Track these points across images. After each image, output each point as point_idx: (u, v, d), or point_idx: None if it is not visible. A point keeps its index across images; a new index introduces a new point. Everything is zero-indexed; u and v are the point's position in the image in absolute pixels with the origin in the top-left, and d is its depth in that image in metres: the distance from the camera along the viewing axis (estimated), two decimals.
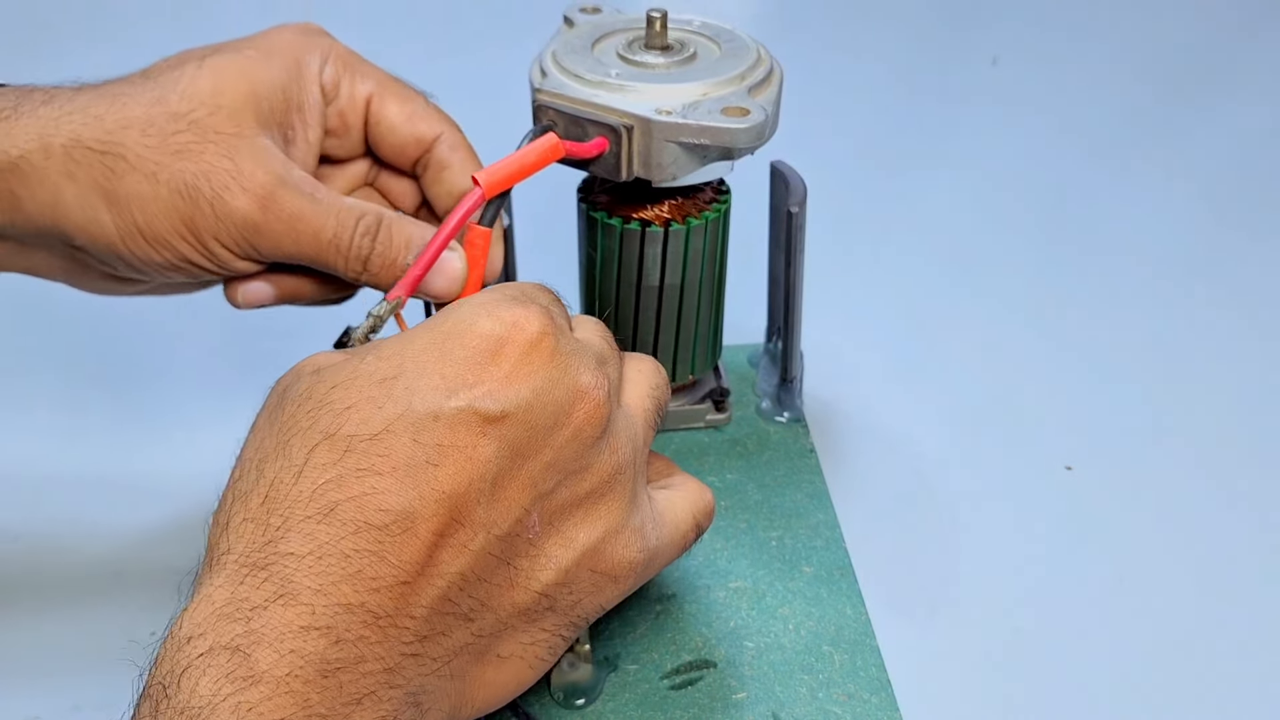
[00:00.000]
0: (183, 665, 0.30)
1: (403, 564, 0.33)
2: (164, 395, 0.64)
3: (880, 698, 0.47)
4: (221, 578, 0.32)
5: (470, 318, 0.35)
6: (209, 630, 0.31)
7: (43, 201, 0.40)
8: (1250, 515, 0.58)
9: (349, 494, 0.32)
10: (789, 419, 0.62)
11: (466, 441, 0.33)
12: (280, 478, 0.33)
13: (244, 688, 0.30)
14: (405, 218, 0.45)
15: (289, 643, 0.31)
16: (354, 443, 0.33)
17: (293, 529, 0.32)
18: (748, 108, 0.45)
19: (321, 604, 0.31)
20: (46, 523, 0.56)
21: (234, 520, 0.33)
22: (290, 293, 0.46)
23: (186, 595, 0.33)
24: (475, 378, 0.34)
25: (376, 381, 0.34)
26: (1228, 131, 0.91)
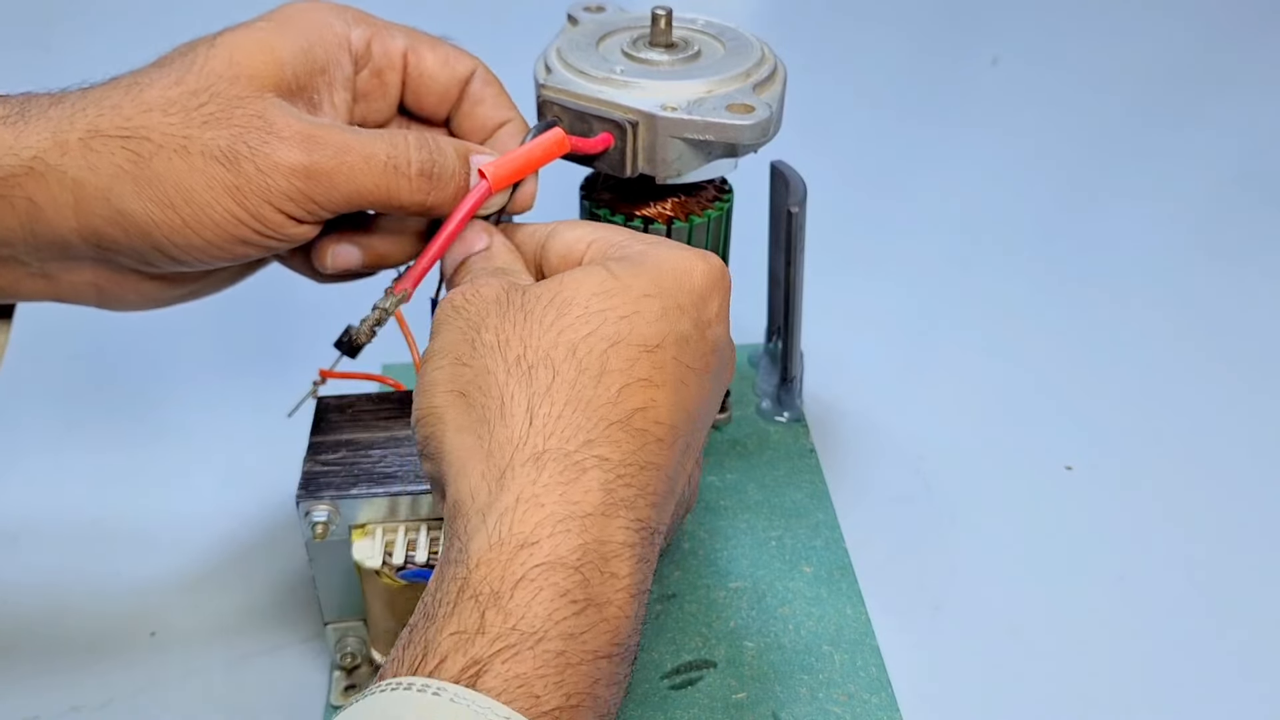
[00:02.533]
0: (517, 575, 0.30)
1: (670, 479, 0.35)
2: (162, 399, 0.64)
3: (880, 698, 0.47)
4: (547, 475, 0.32)
5: (684, 257, 0.38)
6: (545, 539, 0.31)
7: (63, 204, 0.37)
8: (1250, 515, 0.58)
9: (638, 403, 0.34)
10: (789, 419, 0.62)
11: (702, 367, 0.36)
12: (580, 380, 0.34)
13: (575, 612, 0.30)
14: (442, 134, 0.44)
15: (613, 564, 0.31)
16: (640, 353, 0.34)
17: (602, 433, 0.33)
18: (752, 104, 0.45)
19: (631, 518, 0.33)
20: (46, 523, 0.56)
21: (538, 415, 0.33)
22: (376, 254, 0.44)
23: (492, 487, 0.32)
24: (706, 310, 0.37)
25: (639, 295, 0.35)
26: (1229, 131, 0.91)
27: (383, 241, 0.44)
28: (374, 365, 0.58)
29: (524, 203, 0.44)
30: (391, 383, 0.49)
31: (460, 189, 0.42)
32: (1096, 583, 0.54)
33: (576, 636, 0.30)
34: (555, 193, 0.55)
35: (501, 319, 0.35)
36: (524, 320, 0.35)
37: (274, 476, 0.56)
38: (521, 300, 0.36)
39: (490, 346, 0.35)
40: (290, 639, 0.50)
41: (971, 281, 0.75)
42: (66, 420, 0.62)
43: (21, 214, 0.38)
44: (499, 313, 0.36)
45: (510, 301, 0.36)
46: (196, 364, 0.66)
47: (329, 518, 0.43)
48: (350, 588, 0.45)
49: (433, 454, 0.35)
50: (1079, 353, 0.68)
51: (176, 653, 0.50)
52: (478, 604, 0.30)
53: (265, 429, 0.59)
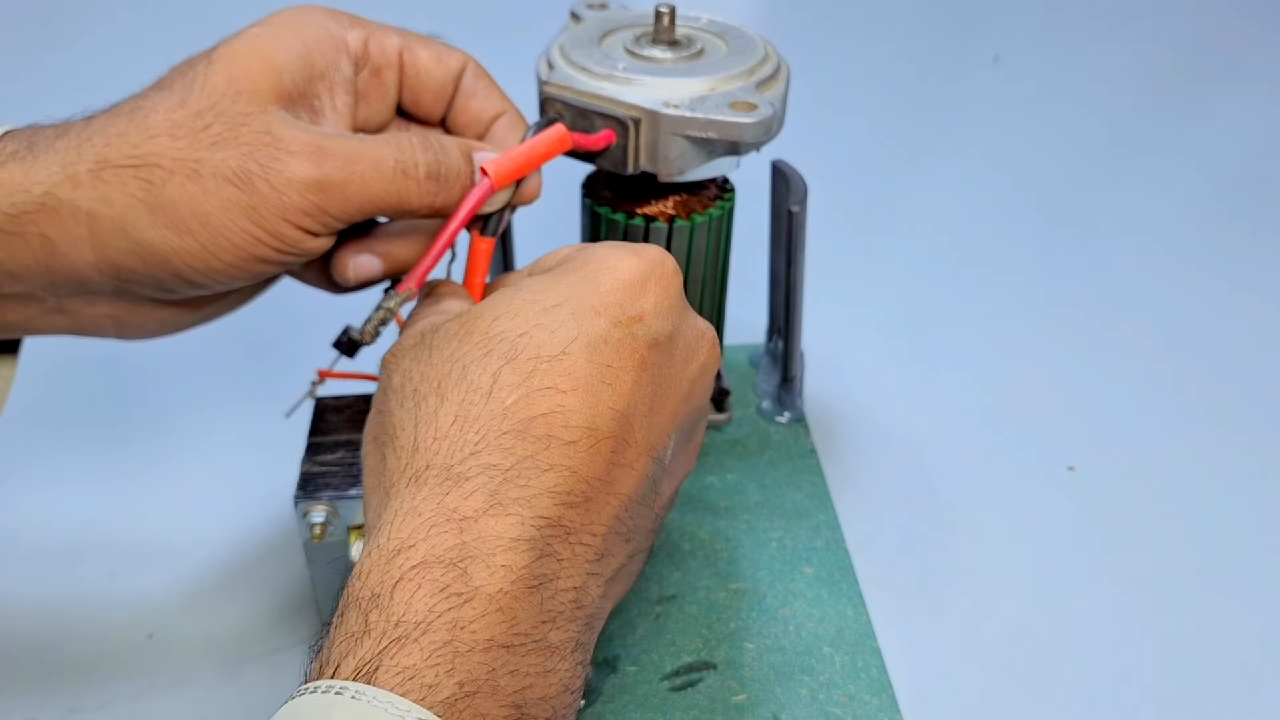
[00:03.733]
0: (395, 577, 0.30)
1: (589, 479, 0.34)
2: (160, 400, 0.64)
3: (881, 699, 0.47)
4: (425, 490, 0.32)
5: (611, 255, 0.37)
6: (420, 542, 0.31)
7: (78, 237, 0.37)
8: (1253, 515, 0.57)
9: (538, 410, 0.34)
10: (790, 419, 0.61)
11: (631, 364, 0.36)
12: (468, 399, 0.34)
13: (459, 604, 0.30)
14: (441, 134, 0.44)
15: (500, 557, 0.31)
16: (537, 364, 0.34)
17: (491, 443, 0.33)
18: (755, 102, 0.44)
19: (527, 515, 0.32)
20: (44, 525, 0.56)
21: (423, 440, 0.34)
22: (396, 261, 0.44)
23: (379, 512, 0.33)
24: (632, 307, 0.36)
25: (542, 309, 0.36)
26: (1230, 128, 0.91)
27: (399, 246, 0.44)
28: (372, 365, 0.57)
29: (528, 197, 0.44)
30: None
31: (466, 188, 0.42)
32: (1098, 584, 0.54)
33: (463, 626, 0.30)
34: (557, 191, 0.55)
35: (413, 361, 0.36)
36: (428, 356, 0.36)
37: (272, 477, 0.56)
38: (433, 338, 0.37)
39: (396, 388, 0.36)
40: (288, 641, 0.50)
41: (973, 281, 0.75)
42: (63, 420, 0.62)
43: (36, 250, 0.37)
44: (411, 355, 0.37)
45: (424, 341, 0.37)
46: (194, 364, 0.66)
47: (327, 518, 0.42)
48: None
49: None
50: (1081, 352, 0.68)
51: (174, 655, 0.49)
52: (360, 608, 0.30)
53: (263, 429, 0.59)
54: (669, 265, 0.38)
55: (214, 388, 0.64)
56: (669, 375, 0.37)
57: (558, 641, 0.32)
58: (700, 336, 0.39)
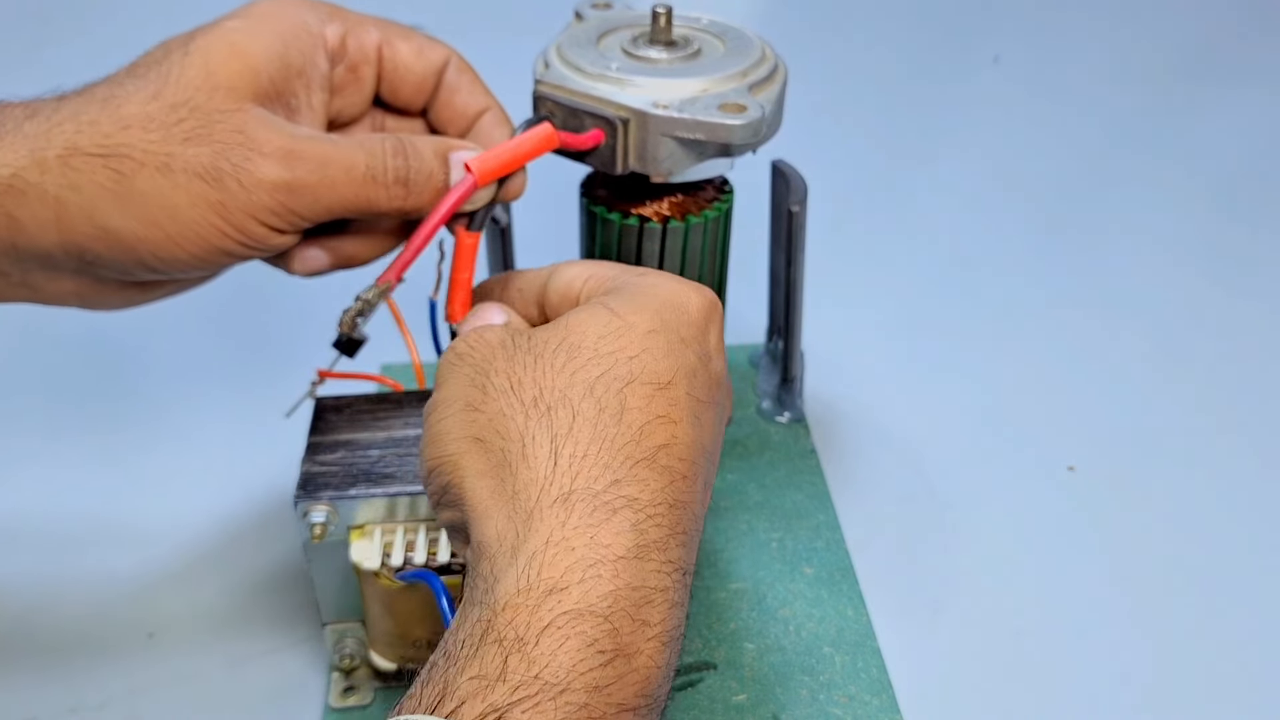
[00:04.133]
0: (544, 621, 0.30)
1: (697, 517, 0.35)
2: (160, 399, 0.64)
3: (881, 699, 0.47)
4: (575, 518, 0.31)
5: (680, 289, 0.38)
6: (574, 585, 0.30)
7: (44, 220, 0.37)
8: (1253, 515, 0.57)
9: (660, 440, 0.34)
10: (790, 419, 0.61)
11: (710, 400, 0.36)
12: (601, 418, 0.33)
13: (602, 663, 0.30)
14: (419, 135, 0.44)
15: (644, 611, 0.31)
16: (655, 390, 0.34)
17: (629, 472, 0.33)
18: (745, 104, 0.44)
19: (663, 560, 0.32)
20: (44, 524, 0.56)
21: (563, 456, 0.33)
22: (344, 255, 0.44)
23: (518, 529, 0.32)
24: (705, 343, 0.37)
25: (645, 332, 0.35)
26: (1231, 129, 0.91)
27: (350, 243, 0.44)
28: (372, 365, 0.58)
29: (512, 195, 0.44)
30: (390, 383, 0.49)
31: (439, 190, 0.41)
32: (1098, 584, 0.54)
33: (602, 689, 0.29)
34: (557, 191, 0.56)
35: (510, 362, 0.35)
36: (534, 363, 0.35)
37: (272, 477, 0.56)
38: (529, 344, 0.36)
39: (503, 390, 0.35)
40: (288, 640, 0.50)
41: (973, 281, 0.75)
42: (64, 421, 0.62)
43: (2, 229, 0.38)
44: (506, 356, 0.36)
45: (517, 345, 0.36)
46: (195, 365, 0.66)
47: (327, 518, 0.42)
48: (348, 589, 0.45)
49: (453, 501, 0.35)
50: (1081, 352, 0.68)
51: (174, 654, 0.50)
52: (501, 649, 0.29)
53: (263, 429, 0.59)
54: (720, 307, 0.39)
55: (215, 387, 0.64)
56: (723, 413, 0.38)
57: (665, 696, 0.33)
58: (730, 383, 0.40)
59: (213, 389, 0.64)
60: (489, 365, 0.36)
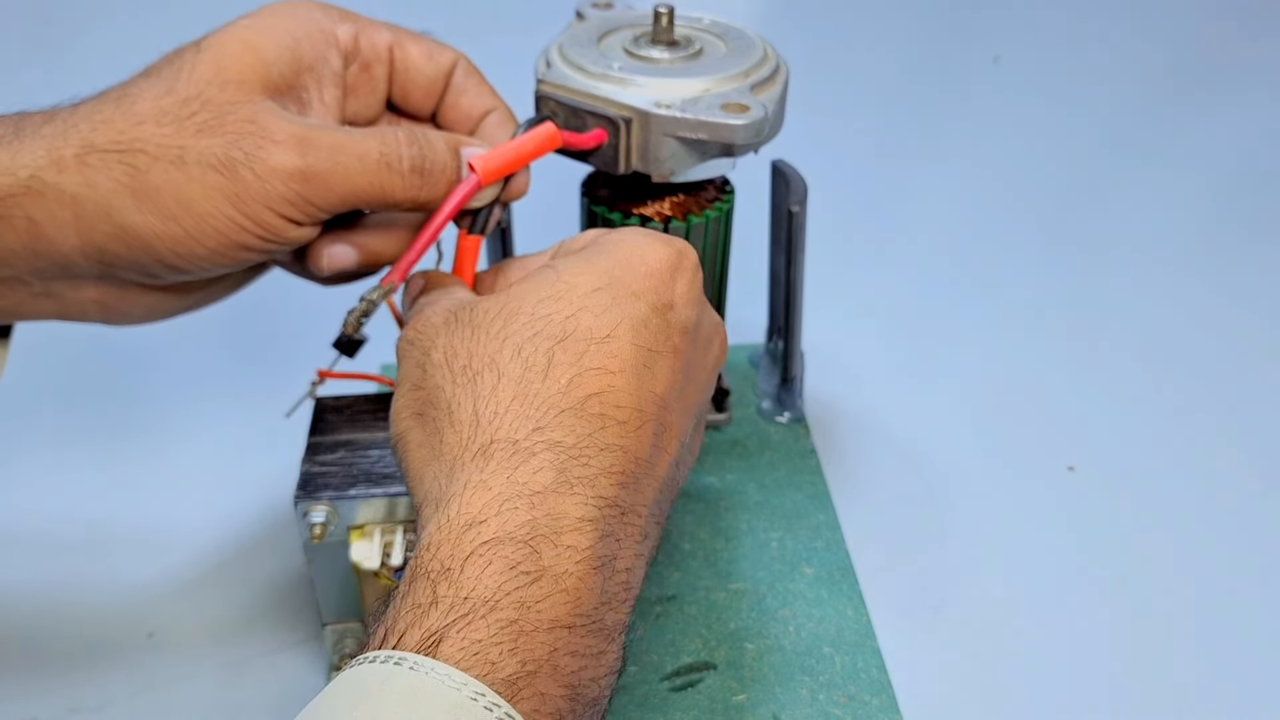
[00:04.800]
0: (466, 551, 0.31)
1: (638, 459, 0.35)
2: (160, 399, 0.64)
3: (881, 699, 0.47)
4: (493, 464, 0.33)
5: (642, 242, 0.38)
6: (492, 517, 0.31)
7: (64, 221, 0.38)
8: (1252, 515, 0.57)
9: (591, 390, 0.34)
10: (790, 419, 0.61)
11: (667, 349, 0.36)
12: (526, 376, 0.34)
13: (527, 583, 0.31)
14: (430, 129, 0.44)
15: (567, 537, 0.32)
16: (588, 345, 0.35)
17: (552, 420, 0.33)
18: (747, 104, 0.44)
19: (590, 494, 0.33)
20: (43, 525, 0.56)
21: (484, 415, 0.34)
22: (370, 252, 0.44)
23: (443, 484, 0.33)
24: (665, 294, 0.37)
25: (585, 292, 0.36)
26: (1231, 129, 0.91)
27: (376, 239, 0.44)
28: (372, 365, 0.58)
29: (516, 193, 0.44)
30: (390, 383, 0.49)
31: (452, 183, 0.42)
32: (1098, 584, 0.54)
33: (530, 605, 0.30)
34: (557, 190, 0.55)
35: (450, 337, 0.36)
36: (471, 334, 0.36)
37: (272, 477, 0.56)
38: (470, 316, 0.37)
39: (438, 364, 0.36)
40: (288, 640, 0.50)
41: (973, 281, 0.75)
42: (63, 421, 0.62)
43: (22, 233, 0.38)
44: (447, 332, 0.37)
45: (459, 319, 0.37)
46: (194, 364, 0.66)
47: (327, 519, 0.42)
48: (348, 589, 0.45)
49: (403, 474, 0.37)
50: (1081, 353, 0.68)
51: (174, 655, 0.50)
52: (429, 580, 0.31)
53: (263, 429, 0.59)
54: (693, 257, 0.39)
55: (214, 387, 0.64)
56: (693, 363, 0.38)
57: (611, 623, 0.33)
58: (715, 328, 0.40)
59: (212, 389, 0.64)
60: (430, 344, 0.37)
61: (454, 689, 0.28)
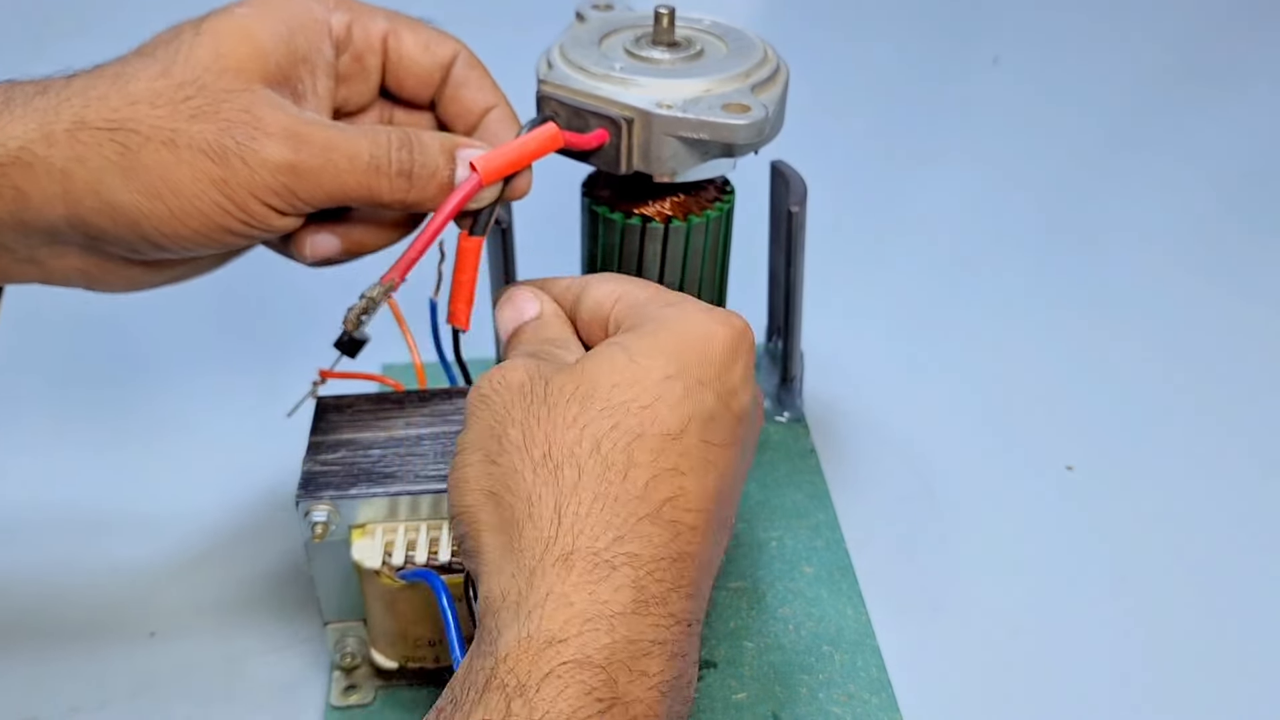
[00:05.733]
0: (544, 670, 0.31)
1: (703, 566, 0.35)
2: (162, 398, 0.64)
3: (881, 698, 0.47)
4: (575, 576, 0.32)
5: (706, 322, 0.37)
6: (573, 638, 0.31)
7: (51, 193, 0.38)
8: (1252, 515, 0.57)
9: (665, 495, 0.34)
10: (789, 419, 0.62)
11: (730, 441, 0.36)
12: (606, 476, 0.34)
13: (599, 710, 0.31)
14: (426, 130, 0.44)
15: (640, 662, 0.32)
16: (664, 442, 0.34)
17: (631, 529, 0.33)
18: (748, 104, 0.45)
19: (663, 614, 0.33)
20: (44, 523, 0.56)
21: (565, 515, 0.33)
22: (353, 242, 0.44)
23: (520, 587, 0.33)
24: (729, 380, 0.36)
25: (659, 379, 0.35)
26: (1231, 130, 0.91)
27: (360, 231, 0.44)
28: (374, 365, 0.58)
29: (518, 194, 0.44)
30: (391, 383, 0.49)
31: (444, 185, 0.42)
32: (1097, 583, 0.54)
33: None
34: (558, 190, 0.56)
35: (526, 413, 0.36)
36: (548, 415, 0.35)
37: (273, 476, 0.56)
38: (545, 392, 0.36)
39: (516, 445, 0.35)
40: (289, 639, 0.50)
41: (972, 281, 0.75)
42: (65, 418, 0.62)
43: (9, 201, 0.38)
44: (524, 406, 0.36)
45: (534, 393, 0.36)
46: (196, 364, 0.66)
47: (328, 518, 0.43)
48: (350, 588, 0.45)
49: (470, 551, 0.36)
50: (1080, 353, 0.68)
51: (175, 653, 0.50)
52: (504, 695, 0.30)
53: (265, 428, 0.59)
54: (751, 336, 0.38)
55: (216, 387, 0.64)
56: (746, 446, 0.38)
57: None
58: (759, 403, 0.40)
59: (214, 389, 0.64)
60: (507, 415, 0.36)
61: None
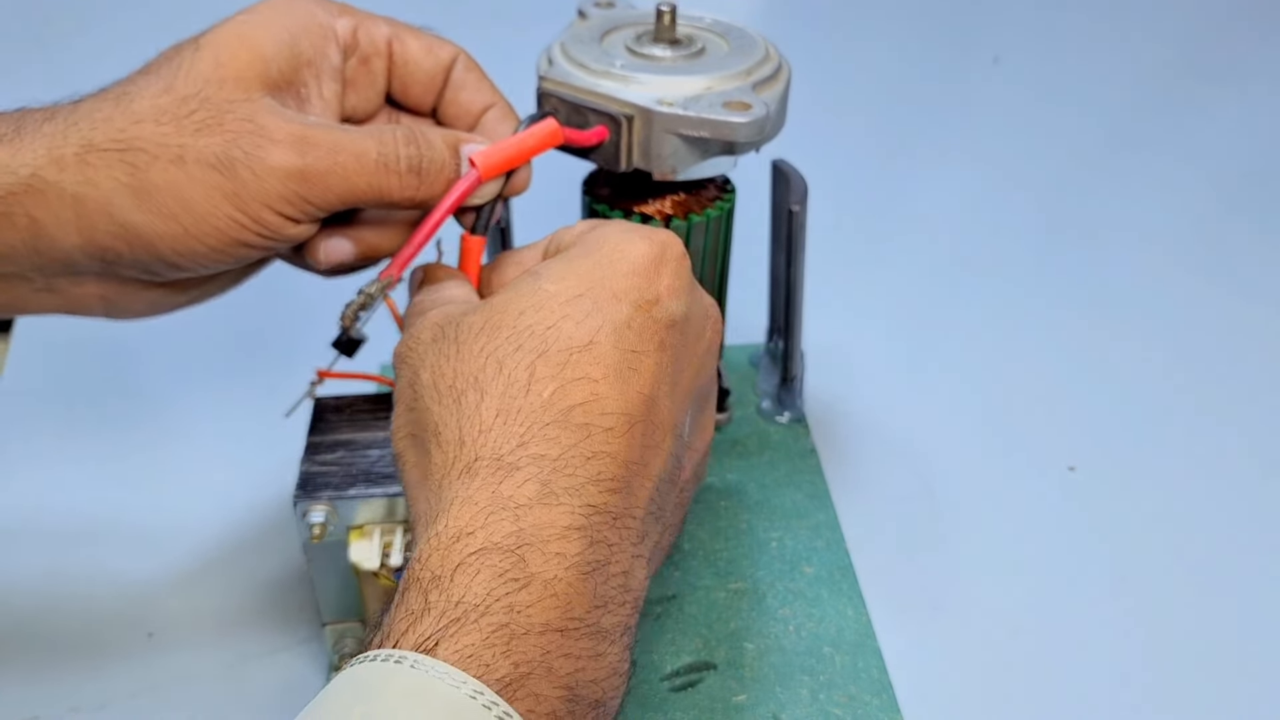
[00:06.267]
0: (455, 561, 0.32)
1: (628, 464, 0.35)
2: (160, 398, 0.64)
3: (881, 699, 0.47)
4: (478, 480, 0.33)
5: (624, 239, 0.38)
6: (478, 529, 0.32)
7: (64, 219, 0.38)
8: (1253, 515, 0.57)
9: (575, 400, 0.35)
10: (790, 419, 0.61)
11: (653, 346, 0.37)
12: (508, 392, 0.35)
13: (516, 589, 0.31)
14: (430, 125, 0.44)
15: (554, 545, 0.32)
16: (569, 355, 0.35)
17: (535, 434, 0.34)
18: (749, 102, 0.44)
19: (576, 504, 0.33)
20: (43, 523, 0.56)
21: (468, 434, 0.34)
22: (368, 245, 0.44)
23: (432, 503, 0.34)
24: (648, 290, 0.37)
25: (566, 300, 0.36)
26: (1230, 129, 0.91)
27: (374, 233, 0.44)
28: (372, 365, 0.58)
29: (518, 189, 0.44)
30: (389, 383, 0.48)
31: (450, 181, 0.42)
32: (1098, 584, 0.54)
33: (520, 610, 0.31)
34: (557, 188, 0.55)
35: (436, 356, 0.37)
36: (456, 352, 0.36)
37: (271, 477, 0.56)
38: (455, 332, 0.37)
39: (427, 385, 0.36)
40: (288, 640, 0.50)
41: (973, 281, 0.74)
42: (64, 420, 0.62)
43: (23, 231, 0.38)
44: (435, 350, 0.37)
45: (445, 335, 0.37)
46: (194, 364, 0.66)
47: (326, 518, 0.42)
48: (348, 588, 0.45)
49: (405, 497, 0.37)
50: (1081, 353, 0.68)
51: (174, 654, 0.49)
52: (420, 588, 0.31)
53: (262, 429, 0.58)
54: (678, 247, 0.39)
55: (214, 387, 0.64)
56: (684, 353, 0.38)
57: (609, 626, 0.33)
58: (706, 313, 0.40)
59: (212, 390, 0.64)
60: (420, 363, 0.37)
61: (453, 687, 0.29)
